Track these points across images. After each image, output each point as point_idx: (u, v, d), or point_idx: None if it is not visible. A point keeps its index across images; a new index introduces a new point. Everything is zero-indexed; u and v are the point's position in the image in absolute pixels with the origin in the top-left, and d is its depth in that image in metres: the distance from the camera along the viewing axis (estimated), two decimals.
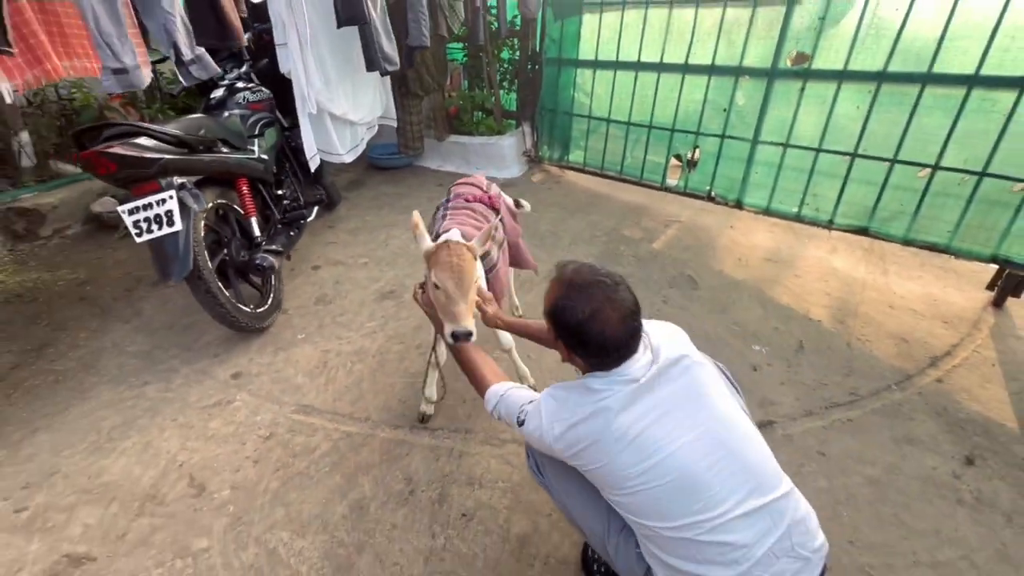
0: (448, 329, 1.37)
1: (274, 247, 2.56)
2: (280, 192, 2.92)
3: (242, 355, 2.44)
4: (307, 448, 1.98)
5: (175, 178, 2.09)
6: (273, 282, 2.69)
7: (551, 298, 1.20)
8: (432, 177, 4.56)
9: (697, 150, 3.71)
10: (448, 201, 1.93)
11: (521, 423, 1.28)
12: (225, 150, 2.42)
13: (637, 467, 1.10)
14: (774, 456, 1.17)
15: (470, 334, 1.36)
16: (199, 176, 2.26)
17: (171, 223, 2.02)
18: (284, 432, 2.05)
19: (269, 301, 2.62)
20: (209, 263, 2.21)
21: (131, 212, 2.00)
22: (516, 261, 2.10)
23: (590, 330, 1.13)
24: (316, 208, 3.14)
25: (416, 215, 1.51)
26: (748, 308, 2.74)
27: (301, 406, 2.16)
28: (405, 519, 1.72)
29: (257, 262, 2.43)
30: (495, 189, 2.09)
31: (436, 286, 1.38)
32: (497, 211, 1.94)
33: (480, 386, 1.41)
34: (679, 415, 1.14)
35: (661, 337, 1.23)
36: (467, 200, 1.91)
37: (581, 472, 1.20)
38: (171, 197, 2.03)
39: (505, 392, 1.39)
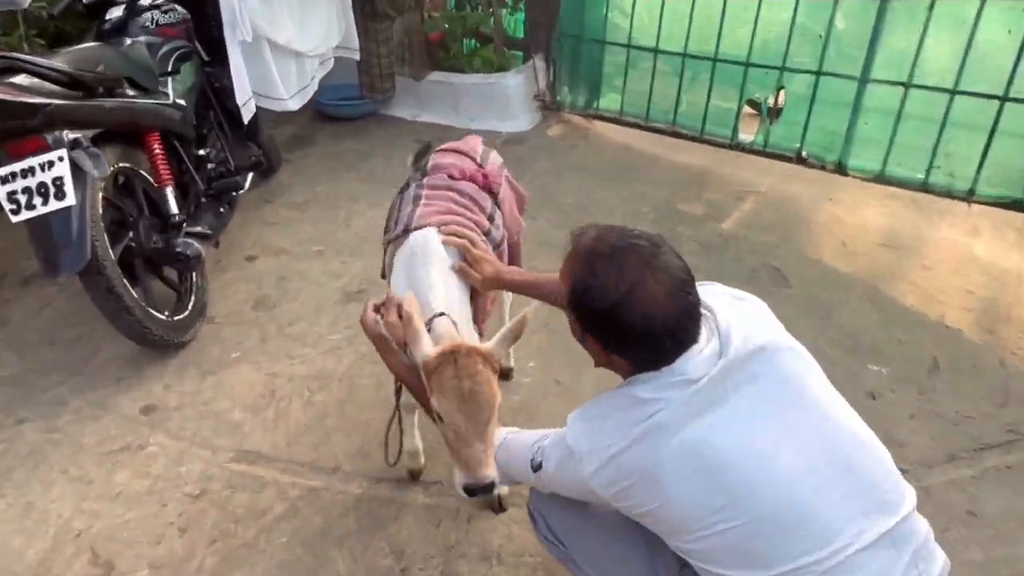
0: (460, 479, 1.34)
1: (199, 229, 2.57)
2: (202, 152, 2.93)
3: (155, 380, 2.45)
4: (254, 510, 1.99)
5: (66, 132, 2.09)
6: (195, 279, 2.70)
7: (569, 279, 1.21)
8: (407, 130, 4.56)
9: (782, 93, 3.72)
10: (423, 177, 1.89)
11: (538, 467, 1.30)
12: (131, 93, 2.42)
13: (712, 501, 1.10)
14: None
15: (492, 486, 1.33)
16: (97, 130, 2.26)
17: (61, 195, 2.03)
18: (220, 488, 2.06)
19: (190, 305, 2.62)
20: (111, 252, 2.21)
21: (4, 180, 2.00)
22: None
23: (629, 313, 1.13)
24: (251, 175, 3.14)
25: (410, 298, 1.44)
26: (859, 312, 2.77)
27: (242, 452, 2.18)
28: None
29: (178, 250, 2.43)
30: (494, 159, 2.04)
31: (440, 418, 1.36)
32: (495, 195, 1.92)
33: None
34: (766, 423, 1.14)
35: (731, 317, 1.23)
36: (452, 177, 1.86)
37: (634, 518, 1.21)
38: (61, 159, 2.03)
39: (504, 438, 1.41)
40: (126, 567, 1.84)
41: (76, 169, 2.07)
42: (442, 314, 1.51)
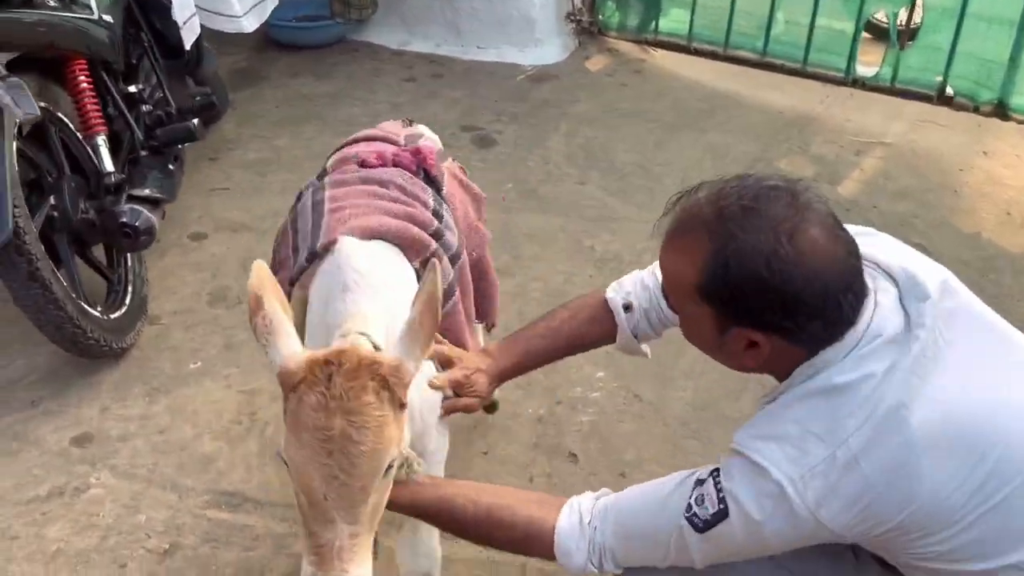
0: (306, 573, 1.21)
1: (147, 192, 2.64)
2: (133, 89, 3.00)
3: (88, 403, 2.53)
4: (248, 570, 2.07)
5: None
6: (130, 263, 2.77)
7: (694, 257, 1.28)
8: (390, 63, 4.67)
9: (917, 7, 3.85)
10: (322, 177, 1.81)
11: (711, 523, 1.32)
12: (52, 3, 2.50)
13: (976, 473, 1.21)
14: None
15: None
16: (11, 54, 2.34)
17: None
18: (197, 542, 2.14)
19: (127, 299, 2.70)
20: (32, 223, 2.29)
21: None
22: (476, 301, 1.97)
23: (796, 272, 1.21)
24: (196, 120, 3.22)
25: (257, 267, 1.28)
26: None
27: (220, 494, 2.26)
28: None
29: (123, 220, 2.51)
30: (427, 144, 1.96)
31: (286, 464, 1.22)
32: (435, 182, 1.86)
33: (527, 532, 1.45)
34: (989, 363, 1.29)
35: (878, 251, 1.36)
36: (366, 165, 1.79)
37: (865, 543, 1.30)
38: None
39: (609, 504, 1.43)
40: None
41: None
42: (359, 335, 1.33)
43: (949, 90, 3.84)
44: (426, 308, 1.23)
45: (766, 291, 1.23)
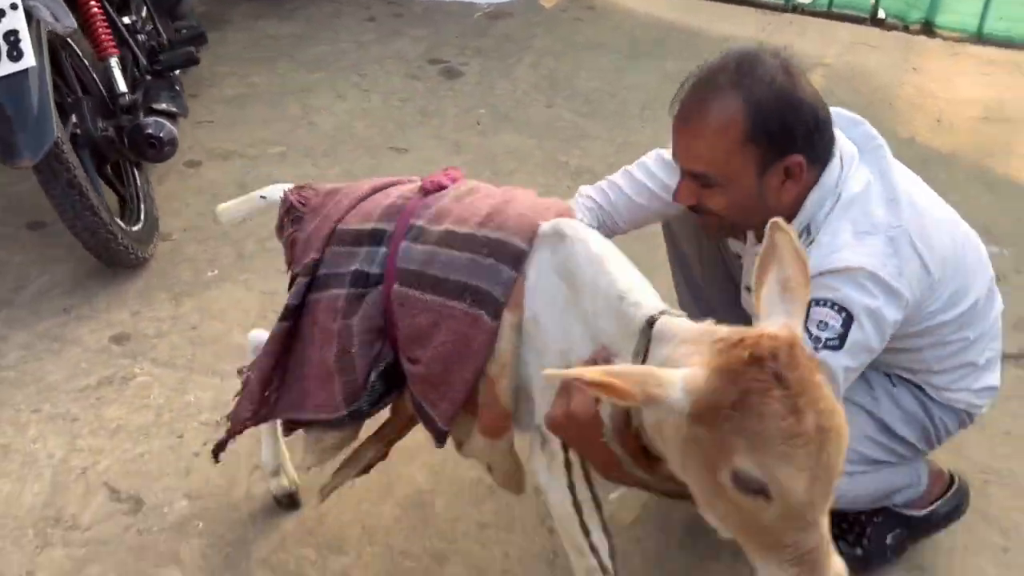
0: None
1: (163, 106, 2.87)
2: (127, 21, 3.21)
3: (116, 308, 2.78)
4: (296, 435, 2.34)
5: None
6: (139, 182, 3.00)
7: (731, 112, 1.55)
8: (348, 5, 4.92)
9: None
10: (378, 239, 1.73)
11: (847, 327, 1.51)
12: None
13: (947, 238, 1.67)
14: None
15: None
16: None
17: (16, 55, 2.31)
18: None
19: (142, 214, 2.94)
20: (66, 135, 2.52)
21: None
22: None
23: (809, 94, 1.57)
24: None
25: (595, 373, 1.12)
26: (968, 194, 3.34)
27: None
28: (497, 516, 2.14)
29: (148, 131, 2.73)
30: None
31: (757, 490, 1.10)
32: None
33: None
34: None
35: None
36: (442, 188, 1.77)
37: (916, 314, 1.64)
38: (14, 6, 2.30)
39: None
40: (157, 500, 2.19)
41: (31, 20, 2.36)
42: (661, 313, 1.33)
43: (881, 12, 4.26)
44: (798, 264, 1.21)
45: (800, 112, 1.57)
